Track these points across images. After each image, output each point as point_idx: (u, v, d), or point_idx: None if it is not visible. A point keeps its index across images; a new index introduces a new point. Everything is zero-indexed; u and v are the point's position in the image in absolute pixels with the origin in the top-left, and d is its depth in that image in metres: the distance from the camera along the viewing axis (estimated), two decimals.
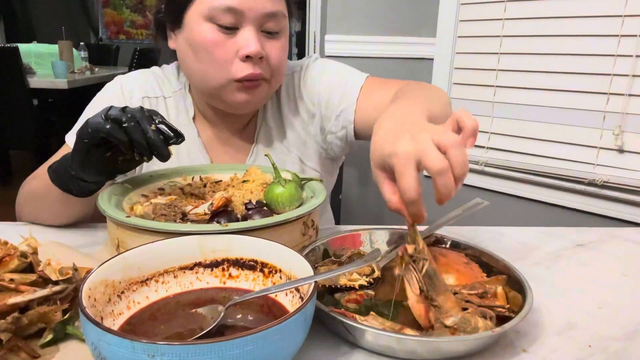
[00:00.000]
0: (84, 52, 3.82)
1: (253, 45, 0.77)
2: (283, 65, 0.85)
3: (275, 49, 0.82)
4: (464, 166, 0.48)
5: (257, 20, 0.78)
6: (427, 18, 1.97)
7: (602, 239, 0.86)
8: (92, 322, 0.38)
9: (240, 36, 0.78)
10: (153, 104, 0.92)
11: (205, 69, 0.80)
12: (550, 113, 1.70)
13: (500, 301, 0.55)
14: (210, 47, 0.78)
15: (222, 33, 0.78)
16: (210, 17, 0.77)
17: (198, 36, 0.78)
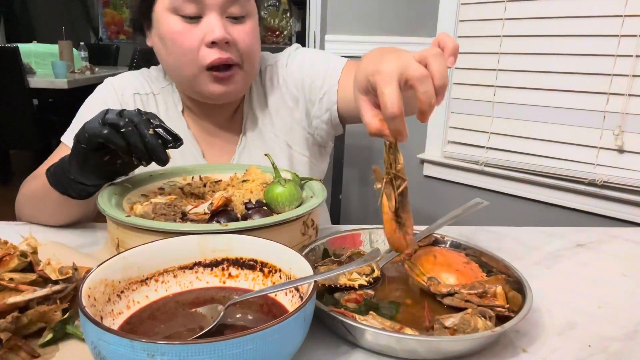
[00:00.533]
0: (84, 52, 3.83)
1: (217, 30, 0.78)
2: (254, 49, 0.84)
3: (242, 32, 0.82)
4: (443, 77, 0.49)
5: (220, 6, 0.79)
6: (427, 18, 1.97)
7: (602, 239, 0.86)
8: (92, 322, 0.38)
9: (204, 23, 0.79)
10: (144, 100, 0.94)
11: (176, 60, 0.82)
12: (550, 113, 1.70)
13: (500, 301, 0.55)
14: (177, 38, 0.80)
15: (187, 23, 0.79)
16: (173, 9, 0.79)
17: (165, 29, 0.81)
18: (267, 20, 5.91)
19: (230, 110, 0.95)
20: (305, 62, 0.95)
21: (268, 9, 5.89)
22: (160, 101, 0.95)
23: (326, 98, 0.91)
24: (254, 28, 0.84)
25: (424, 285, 0.60)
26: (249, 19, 0.83)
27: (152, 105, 0.95)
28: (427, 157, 2.07)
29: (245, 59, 0.83)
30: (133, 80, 0.96)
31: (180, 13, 0.79)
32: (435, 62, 0.49)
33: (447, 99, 1.98)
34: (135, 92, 0.94)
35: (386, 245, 0.72)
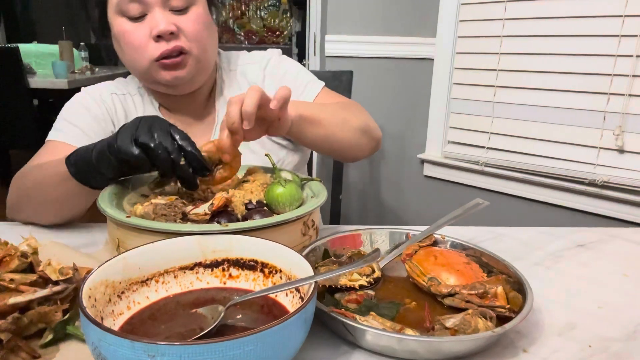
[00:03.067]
0: (84, 52, 3.82)
1: (161, 24, 0.82)
2: (201, 35, 0.87)
3: (187, 21, 0.85)
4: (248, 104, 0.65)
5: (160, 2, 0.83)
6: (427, 18, 1.97)
7: (602, 239, 0.86)
8: (93, 322, 0.38)
9: (149, 20, 0.83)
10: (122, 99, 0.98)
11: (130, 57, 0.87)
12: (551, 113, 1.70)
13: (501, 301, 0.55)
14: (126, 37, 0.84)
15: (134, 22, 0.84)
16: (120, 12, 0.84)
17: (116, 30, 0.86)
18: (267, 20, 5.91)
19: (200, 101, 0.98)
20: (289, 72, 1.01)
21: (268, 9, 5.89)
22: (137, 101, 0.99)
23: None
24: (200, 15, 0.87)
25: (424, 285, 0.60)
26: (193, 8, 0.86)
27: (129, 104, 0.98)
28: (428, 157, 2.07)
29: (195, 44, 0.86)
30: (108, 85, 1.00)
31: (126, 14, 0.84)
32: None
33: (447, 98, 1.98)
34: (112, 92, 0.98)
35: (387, 246, 0.72)
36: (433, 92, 2.02)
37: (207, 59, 0.90)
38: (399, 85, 2.07)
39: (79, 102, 0.96)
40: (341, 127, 0.88)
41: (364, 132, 0.92)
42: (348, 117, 0.91)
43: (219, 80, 1.01)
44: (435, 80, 2.00)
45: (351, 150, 0.92)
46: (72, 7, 6.23)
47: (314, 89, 0.99)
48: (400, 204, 2.18)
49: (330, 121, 0.86)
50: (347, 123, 0.89)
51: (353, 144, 0.91)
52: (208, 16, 0.90)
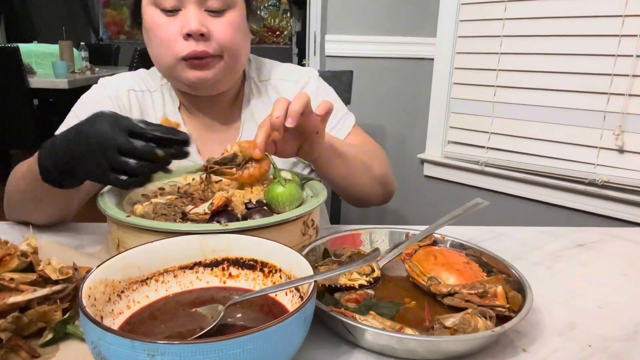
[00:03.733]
0: (84, 52, 3.82)
1: (192, 23, 0.80)
2: (234, 41, 0.85)
3: (221, 25, 0.83)
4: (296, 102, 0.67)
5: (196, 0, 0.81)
6: (427, 18, 1.97)
7: (602, 239, 0.86)
8: (92, 322, 0.38)
9: (182, 16, 0.81)
10: (139, 97, 0.96)
11: (157, 51, 0.85)
12: (551, 113, 1.70)
13: (500, 301, 0.55)
14: (156, 29, 0.83)
15: (166, 15, 0.82)
16: (154, 2, 0.82)
17: (147, 21, 0.84)
18: (267, 20, 5.91)
19: (222, 106, 0.96)
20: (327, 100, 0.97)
21: (268, 9, 5.89)
22: (156, 98, 0.96)
23: None
24: (235, 20, 0.84)
25: (424, 285, 0.60)
26: (230, 12, 0.84)
27: (147, 101, 0.96)
28: (428, 157, 2.07)
29: (226, 50, 0.84)
30: (128, 80, 0.97)
31: (160, 6, 0.82)
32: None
33: (447, 98, 1.98)
34: (130, 88, 0.95)
35: (386, 245, 0.72)
36: (433, 92, 2.02)
37: (235, 65, 0.88)
38: (399, 85, 2.07)
39: (94, 99, 0.94)
40: (363, 171, 0.88)
41: (381, 182, 0.92)
42: (371, 163, 0.90)
43: (247, 90, 0.98)
44: (435, 80, 2.00)
45: (364, 196, 0.91)
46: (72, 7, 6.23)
47: (346, 125, 0.98)
48: (400, 204, 2.18)
49: (355, 162, 0.86)
50: (369, 169, 0.89)
51: (368, 191, 0.91)
52: (244, 22, 0.87)
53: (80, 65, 3.77)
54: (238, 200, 0.69)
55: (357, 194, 0.91)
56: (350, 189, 0.89)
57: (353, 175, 0.86)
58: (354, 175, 0.87)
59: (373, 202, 0.95)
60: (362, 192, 0.90)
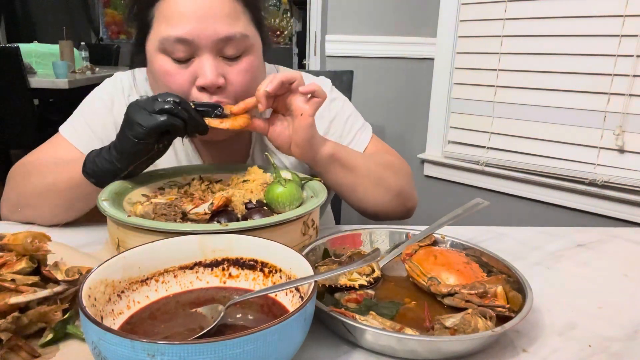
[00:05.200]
0: (84, 52, 3.82)
1: (208, 75, 0.73)
2: (251, 87, 0.77)
3: (237, 74, 0.76)
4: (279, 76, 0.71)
5: (212, 47, 0.73)
6: (428, 18, 1.97)
7: (602, 239, 0.86)
8: (92, 322, 0.38)
9: (195, 64, 0.74)
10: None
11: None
12: (551, 113, 1.70)
13: (501, 301, 0.55)
14: (166, 79, 0.75)
15: (177, 64, 0.75)
16: (163, 50, 0.74)
17: (155, 67, 0.76)
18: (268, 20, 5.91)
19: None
20: (340, 116, 0.94)
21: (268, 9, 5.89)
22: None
23: None
24: (253, 64, 0.78)
25: (424, 285, 0.60)
26: (248, 56, 0.77)
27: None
28: (428, 157, 2.07)
29: (240, 98, 0.76)
30: (144, 81, 0.91)
31: (172, 55, 0.74)
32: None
33: (448, 98, 1.98)
34: (145, 93, 0.90)
35: (386, 245, 0.72)
36: (433, 92, 2.02)
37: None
38: (399, 85, 2.07)
39: (104, 102, 0.90)
40: (374, 183, 0.84)
41: (397, 195, 0.87)
42: (387, 175, 0.85)
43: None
44: (436, 80, 2.00)
45: (376, 209, 0.87)
46: (72, 7, 6.23)
47: (363, 138, 0.94)
48: None
49: (365, 173, 0.82)
50: (382, 181, 0.84)
51: (380, 203, 0.86)
52: (260, 62, 0.81)
53: (80, 65, 3.76)
54: (238, 200, 0.69)
55: (368, 207, 0.86)
56: (359, 202, 0.85)
57: (361, 186, 0.83)
58: (362, 186, 0.83)
59: (390, 216, 0.89)
60: (373, 205, 0.86)
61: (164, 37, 0.73)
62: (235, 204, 0.69)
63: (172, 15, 0.73)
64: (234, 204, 0.69)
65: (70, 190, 0.77)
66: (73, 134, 0.88)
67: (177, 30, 0.72)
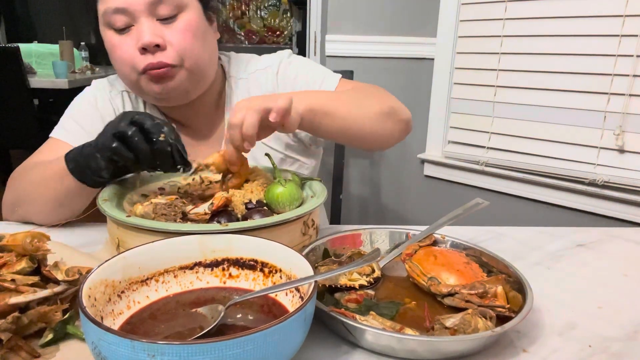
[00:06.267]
0: (84, 52, 3.82)
1: (145, 36, 0.78)
2: (193, 45, 0.82)
3: (175, 33, 0.81)
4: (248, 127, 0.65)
5: (145, 10, 0.79)
6: (428, 18, 1.97)
7: (602, 239, 0.86)
8: (92, 322, 0.38)
9: (134, 31, 0.80)
10: (132, 98, 0.96)
11: (120, 70, 0.85)
12: (551, 113, 1.70)
13: (501, 301, 0.55)
14: (113, 50, 0.82)
15: (120, 35, 0.81)
16: (107, 24, 0.81)
17: (106, 44, 0.84)
18: (267, 20, 5.91)
19: (205, 112, 0.95)
20: (301, 73, 0.95)
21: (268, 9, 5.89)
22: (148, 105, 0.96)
23: None
24: (190, 23, 0.82)
25: (424, 285, 0.60)
26: (183, 14, 0.82)
27: (140, 106, 0.96)
28: (428, 157, 2.07)
29: (185, 57, 0.81)
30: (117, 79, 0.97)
31: (113, 27, 0.81)
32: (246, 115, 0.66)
33: (448, 98, 1.98)
34: (125, 89, 0.95)
35: (387, 246, 0.72)
36: (433, 92, 2.02)
37: (200, 69, 0.85)
38: (399, 85, 2.07)
39: (87, 100, 0.94)
40: (359, 115, 0.83)
41: (387, 115, 0.86)
42: (367, 102, 0.85)
43: (228, 90, 0.96)
44: (436, 80, 2.00)
45: (375, 137, 0.86)
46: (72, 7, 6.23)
47: (330, 84, 0.94)
48: (400, 204, 2.18)
49: (346, 110, 0.81)
50: (365, 109, 0.84)
51: (375, 130, 0.85)
52: (201, 22, 0.84)
53: (80, 65, 3.76)
54: (238, 200, 0.69)
55: (365, 139, 0.85)
56: (355, 137, 0.84)
57: (349, 124, 0.81)
58: (350, 123, 0.81)
59: (391, 139, 0.89)
60: (370, 135, 0.85)
61: (104, 11, 0.80)
62: (235, 204, 0.69)
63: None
64: (234, 204, 0.69)
65: (55, 185, 0.77)
66: (62, 133, 0.92)
67: (113, 2, 0.79)
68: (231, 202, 0.69)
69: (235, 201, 0.69)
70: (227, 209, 0.68)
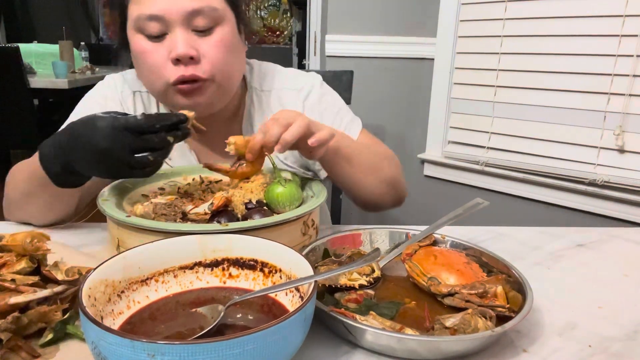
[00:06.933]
0: (84, 52, 3.82)
1: (180, 46, 0.76)
2: (226, 61, 0.81)
3: (210, 46, 0.79)
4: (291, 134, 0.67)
5: (182, 21, 0.77)
6: (428, 18, 1.97)
7: (602, 239, 0.86)
8: (92, 322, 0.38)
9: (168, 40, 0.78)
10: (144, 98, 0.94)
11: (147, 77, 0.82)
12: (551, 113, 1.70)
13: (501, 301, 0.55)
14: (143, 56, 0.79)
15: (152, 41, 0.78)
16: (138, 29, 0.79)
17: (134, 48, 0.81)
18: (268, 20, 5.91)
19: (221, 121, 0.92)
20: (329, 110, 0.95)
21: (268, 9, 5.89)
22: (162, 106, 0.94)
23: None
24: (225, 37, 0.80)
25: (424, 285, 0.60)
26: (219, 28, 0.80)
27: (153, 106, 0.94)
28: (428, 157, 2.07)
29: (217, 72, 0.80)
30: (136, 80, 0.93)
31: (145, 32, 0.78)
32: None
33: (448, 98, 1.98)
34: (137, 90, 0.94)
35: (386, 245, 0.72)
36: (433, 92, 2.02)
37: (229, 84, 0.84)
38: (399, 85, 2.07)
39: (97, 101, 0.92)
40: (371, 174, 0.86)
41: (391, 187, 0.89)
42: (381, 166, 0.88)
43: (248, 101, 0.94)
44: (436, 80, 2.00)
45: (373, 199, 0.89)
46: (72, 7, 6.23)
47: (353, 131, 0.95)
48: None
49: (363, 164, 0.84)
50: (378, 173, 0.87)
51: (377, 193, 0.88)
52: (235, 36, 0.83)
53: (80, 65, 3.77)
54: (238, 200, 0.69)
55: (365, 196, 0.88)
56: (357, 190, 0.87)
57: (360, 177, 0.84)
58: (361, 177, 0.84)
59: (383, 205, 0.92)
60: (370, 195, 0.88)
61: (137, 16, 0.77)
62: (235, 204, 0.69)
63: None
64: (234, 204, 0.69)
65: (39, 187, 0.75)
66: None
67: (148, 8, 0.76)
68: (231, 202, 0.69)
69: (235, 201, 0.69)
70: (227, 208, 0.68)
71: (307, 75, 0.99)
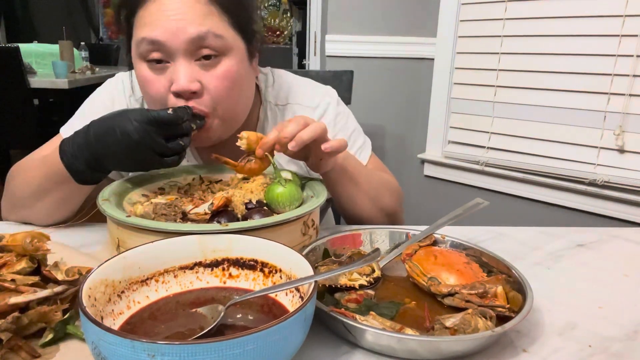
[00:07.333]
0: (84, 52, 3.82)
1: (181, 80, 0.72)
2: (231, 94, 0.76)
3: (214, 79, 0.74)
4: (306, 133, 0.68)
5: (184, 49, 0.72)
6: (428, 18, 1.97)
7: (602, 239, 0.86)
8: (92, 322, 0.38)
9: (170, 71, 0.74)
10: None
11: (149, 104, 0.80)
12: (551, 113, 1.70)
13: (501, 301, 0.55)
14: (146, 85, 0.76)
15: (154, 70, 0.75)
16: (141, 55, 0.75)
17: (138, 75, 0.78)
18: (268, 20, 5.91)
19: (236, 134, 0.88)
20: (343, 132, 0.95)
21: (268, 9, 5.89)
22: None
23: None
24: (232, 69, 0.75)
25: (424, 285, 0.60)
26: (225, 58, 0.75)
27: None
28: (428, 157, 2.07)
29: (219, 105, 0.76)
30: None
31: (147, 59, 0.74)
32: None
33: (448, 98, 1.98)
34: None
35: (387, 246, 0.72)
36: (433, 92, 2.02)
37: (233, 118, 0.81)
38: (399, 85, 2.07)
39: (103, 102, 0.91)
40: (371, 200, 0.85)
41: (388, 216, 0.88)
42: (382, 195, 0.88)
43: (262, 115, 0.92)
44: (436, 80, 2.01)
45: (363, 221, 0.87)
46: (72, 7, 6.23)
47: (363, 155, 0.95)
48: None
49: (366, 189, 0.84)
50: (378, 200, 0.87)
51: (371, 218, 0.87)
52: (242, 68, 0.78)
53: (80, 65, 3.77)
54: (238, 200, 0.69)
55: (357, 216, 0.87)
56: (351, 210, 0.86)
57: (359, 198, 0.84)
58: (361, 199, 0.84)
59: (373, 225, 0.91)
60: (367, 218, 0.87)
61: (138, 40, 0.74)
62: (235, 204, 0.69)
63: (146, 20, 0.73)
64: (234, 204, 0.69)
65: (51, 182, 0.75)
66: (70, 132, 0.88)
67: (149, 33, 0.72)
68: (231, 202, 0.69)
69: (235, 201, 0.69)
70: (227, 209, 0.68)
71: (323, 92, 0.97)
